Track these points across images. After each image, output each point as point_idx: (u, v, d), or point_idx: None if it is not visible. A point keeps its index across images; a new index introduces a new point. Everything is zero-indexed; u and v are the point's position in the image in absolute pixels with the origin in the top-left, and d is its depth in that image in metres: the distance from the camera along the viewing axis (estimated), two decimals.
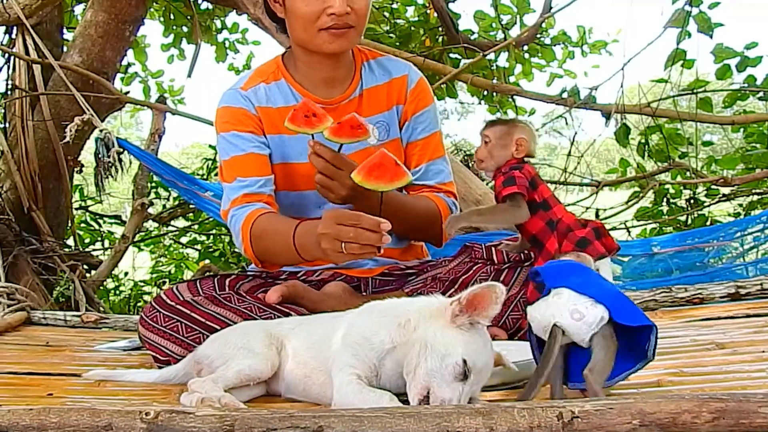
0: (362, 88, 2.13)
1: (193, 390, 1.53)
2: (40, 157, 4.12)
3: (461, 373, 1.34)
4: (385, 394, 1.40)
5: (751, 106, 5.51)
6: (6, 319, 2.68)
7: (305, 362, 1.60)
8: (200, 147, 12.98)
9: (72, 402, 1.59)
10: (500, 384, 1.63)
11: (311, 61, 2.08)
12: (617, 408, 1.12)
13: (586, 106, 4.50)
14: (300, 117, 1.80)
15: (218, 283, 2.06)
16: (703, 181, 4.59)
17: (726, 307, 2.47)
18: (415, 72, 2.21)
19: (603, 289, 1.46)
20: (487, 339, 1.41)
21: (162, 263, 6.19)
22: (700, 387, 1.52)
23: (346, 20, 1.95)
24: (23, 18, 3.92)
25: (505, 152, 1.95)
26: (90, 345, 2.45)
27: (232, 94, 2.12)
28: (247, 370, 1.57)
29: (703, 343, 1.96)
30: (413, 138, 2.17)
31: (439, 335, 1.38)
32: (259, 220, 1.99)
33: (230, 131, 2.08)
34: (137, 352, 2.28)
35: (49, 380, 1.89)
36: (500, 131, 1.97)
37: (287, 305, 1.97)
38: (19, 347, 2.40)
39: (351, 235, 1.60)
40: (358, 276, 2.14)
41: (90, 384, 1.81)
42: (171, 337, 1.90)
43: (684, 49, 4.33)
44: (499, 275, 2.01)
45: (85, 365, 2.06)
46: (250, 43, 6.43)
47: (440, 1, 5.16)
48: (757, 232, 3.55)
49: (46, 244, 4.09)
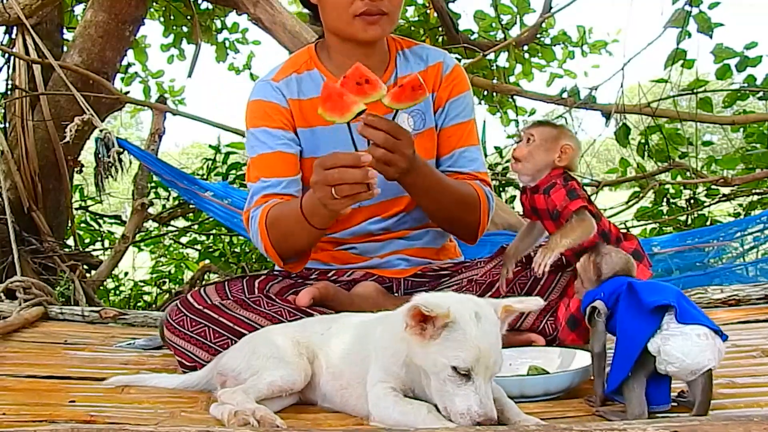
0: (397, 76, 2.09)
1: (223, 401, 1.47)
2: (40, 157, 4.11)
3: (461, 378, 1.29)
4: (423, 405, 1.35)
5: (751, 106, 5.51)
6: (23, 314, 2.62)
7: (341, 373, 1.54)
8: (200, 147, 12.99)
9: (96, 411, 1.54)
10: (542, 394, 1.58)
11: (345, 48, 2.04)
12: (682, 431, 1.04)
13: (586, 106, 4.51)
14: (352, 84, 1.68)
15: (247, 285, 2.01)
16: (703, 181, 4.59)
17: (763, 309, 2.41)
18: (450, 59, 2.16)
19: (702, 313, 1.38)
20: (469, 324, 1.31)
21: (162, 263, 6.18)
22: (755, 401, 1.45)
23: (380, 5, 1.92)
24: (23, 18, 3.92)
25: (547, 157, 1.82)
26: (109, 343, 2.41)
27: (263, 86, 2.08)
28: (279, 382, 1.52)
29: (747, 349, 1.90)
30: (446, 123, 2.12)
31: (422, 355, 1.32)
32: (272, 211, 1.95)
33: (260, 127, 2.04)
34: (159, 353, 2.24)
35: (70, 384, 1.86)
36: (547, 133, 1.83)
37: (318, 308, 1.91)
38: (38, 346, 2.36)
39: (336, 175, 1.61)
40: (390, 276, 2.08)
41: (113, 390, 1.76)
42: (198, 342, 1.84)
43: (684, 49, 4.34)
44: (538, 280, 1.95)
45: (106, 367, 2.03)
46: (250, 42, 6.44)
47: (440, 1, 5.16)
48: (757, 232, 3.55)
49: (46, 244, 4.09)
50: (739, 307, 2.50)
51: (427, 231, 2.16)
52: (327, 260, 2.13)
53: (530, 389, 1.57)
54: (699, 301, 2.54)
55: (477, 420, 1.27)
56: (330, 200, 1.65)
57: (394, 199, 2.09)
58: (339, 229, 2.09)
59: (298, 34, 3.73)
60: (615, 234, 1.82)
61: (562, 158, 1.81)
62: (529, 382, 1.58)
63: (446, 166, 2.10)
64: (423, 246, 2.16)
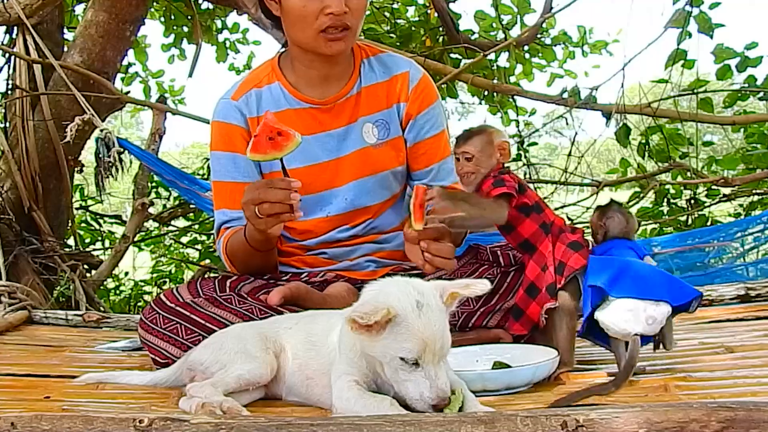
0: (361, 85, 2.10)
1: (192, 395, 1.51)
2: (40, 157, 4.11)
3: (410, 366, 1.35)
4: (386, 398, 1.39)
5: (751, 106, 5.51)
6: (7, 318, 2.67)
7: (306, 364, 1.59)
8: (200, 147, 13.00)
9: (69, 406, 1.58)
10: (504, 389, 1.62)
11: (307, 59, 2.04)
12: (623, 417, 1.09)
13: (587, 106, 4.50)
14: (263, 141, 1.68)
15: (219, 284, 2.04)
16: (703, 182, 4.58)
17: (735, 309, 2.43)
18: (416, 69, 2.15)
19: (656, 282, 1.64)
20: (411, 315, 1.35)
21: (162, 263, 6.19)
22: (709, 393, 1.49)
23: (344, 20, 1.92)
24: (24, 18, 3.92)
25: (491, 161, 1.87)
26: (91, 345, 2.44)
27: (223, 105, 2.09)
28: (246, 375, 1.56)
29: (712, 346, 1.93)
30: (420, 137, 2.13)
31: (371, 349, 1.38)
32: (229, 242, 2.04)
33: (222, 151, 2.08)
34: (138, 353, 2.26)
35: (47, 382, 1.88)
36: (481, 142, 1.87)
37: (289, 307, 1.94)
38: (20, 347, 2.39)
39: (260, 195, 1.68)
40: (362, 278, 2.09)
41: (88, 387, 1.80)
42: (170, 339, 1.87)
43: (684, 50, 4.34)
44: (505, 277, 1.98)
45: (84, 366, 2.05)
46: (250, 43, 6.45)
47: (441, 1, 5.16)
48: (758, 233, 3.55)
49: (46, 243, 4.09)
50: (711, 306, 2.51)
51: (398, 234, 2.16)
52: (298, 265, 2.16)
53: (492, 383, 1.61)
54: None
55: (431, 403, 1.34)
56: (254, 219, 1.74)
57: (361, 209, 2.12)
58: (306, 238, 2.14)
59: None
60: (558, 226, 1.86)
61: (503, 155, 1.88)
62: (490, 376, 1.63)
63: (426, 181, 2.11)
64: (393, 248, 2.17)
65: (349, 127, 2.06)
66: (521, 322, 1.84)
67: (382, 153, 2.01)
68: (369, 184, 2.08)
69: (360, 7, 1.95)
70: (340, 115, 2.07)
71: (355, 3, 1.93)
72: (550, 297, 1.77)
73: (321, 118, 2.07)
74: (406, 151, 2.14)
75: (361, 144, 2.04)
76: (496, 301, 1.96)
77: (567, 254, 1.79)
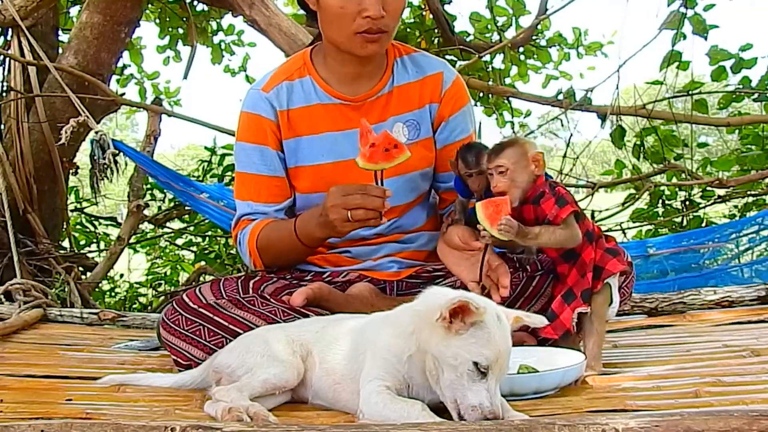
0: (393, 84, 2.09)
1: (217, 399, 1.50)
2: (35, 159, 4.10)
3: (478, 374, 1.35)
4: (417, 403, 1.39)
5: (746, 107, 5.52)
6: (22, 316, 2.66)
7: (333, 369, 1.57)
8: (196, 149, 12.98)
9: (92, 409, 1.56)
10: (533, 393, 1.62)
11: (341, 57, 2.04)
12: (663, 425, 1.07)
13: (582, 107, 4.51)
14: (380, 152, 1.76)
15: (242, 285, 2.03)
16: (698, 183, 4.59)
17: (756, 310, 2.43)
18: (450, 71, 2.15)
19: None
20: (493, 326, 1.38)
21: (158, 265, 6.17)
22: (741, 399, 1.47)
23: (380, 24, 1.90)
24: (18, 20, 3.91)
25: (527, 174, 1.79)
26: (107, 345, 2.43)
27: (253, 96, 2.09)
28: (273, 379, 1.55)
29: (737, 349, 1.92)
30: (451, 140, 2.12)
31: (443, 347, 1.37)
32: (262, 234, 2.03)
33: (250, 143, 2.07)
34: (156, 353, 2.25)
35: (67, 384, 1.87)
36: (515, 154, 1.79)
37: (312, 308, 1.93)
38: (36, 347, 2.39)
39: (358, 201, 1.75)
40: (385, 279, 2.10)
41: (109, 389, 1.78)
42: (193, 341, 1.86)
43: (679, 51, 4.35)
44: (530, 282, 1.97)
45: (103, 367, 2.04)
46: (246, 45, 6.42)
47: (436, 2, 5.16)
48: (753, 234, 3.56)
49: (41, 245, 4.07)
50: (732, 308, 2.51)
51: (422, 234, 2.17)
52: (321, 263, 2.15)
53: (520, 388, 1.60)
54: (692, 302, 2.57)
55: (486, 416, 1.33)
56: (342, 222, 1.78)
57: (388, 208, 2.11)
58: None
59: (294, 36, 3.73)
60: (597, 233, 1.86)
61: (538, 167, 1.81)
62: (518, 380, 1.61)
63: (451, 183, 2.10)
64: (416, 249, 2.17)
65: (379, 125, 2.03)
66: (553, 326, 1.82)
67: (412, 153, 1.99)
68: (397, 183, 2.04)
69: (397, 10, 1.94)
70: (370, 113, 2.06)
71: (393, 6, 1.92)
72: (583, 302, 1.77)
73: (351, 116, 2.06)
74: (436, 153, 2.13)
75: None
76: (521, 305, 1.94)
77: (605, 259, 1.80)
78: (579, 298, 1.78)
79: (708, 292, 2.58)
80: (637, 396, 1.56)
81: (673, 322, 2.45)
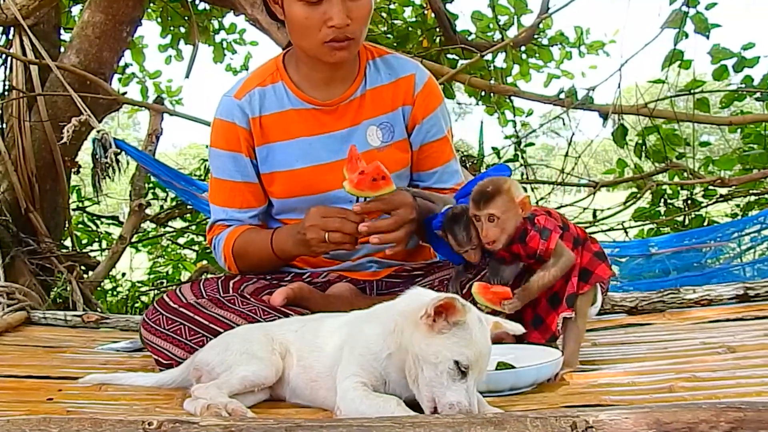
0: (366, 88, 2.08)
1: (197, 396, 1.51)
2: (37, 158, 4.11)
3: (458, 373, 1.36)
4: (392, 398, 1.40)
5: (748, 106, 5.51)
6: (6, 319, 2.66)
7: (311, 366, 1.59)
8: (197, 148, 12.97)
9: (73, 407, 1.57)
10: (509, 389, 1.63)
11: (311, 62, 2.03)
12: (633, 418, 1.09)
13: (584, 106, 4.51)
14: (368, 181, 1.79)
15: (222, 284, 2.04)
16: (700, 182, 4.59)
17: (735, 309, 2.44)
18: (422, 72, 2.14)
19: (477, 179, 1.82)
20: (475, 327, 1.39)
21: (159, 264, 6.18)
22: (713, 393, 1.49)
23: (346, 32, 1.89)
24: (20, 19, 3.92)
25: (516, 219, 1.75)
26: (90, 346, 2.43)
27: (226, 103, 2.08)
28: (251, 377, 1.56)
29: (713, 346, 1.93)
30: (426, 140, 2.12)
31: (425, 345, 1.38)
32: (238, 241, 2.06)
33: (223, 150, 2.08)
34: (139, 354, 2.26)
35: (49, 384, 1.87)
36: (503, 203, 1.74)
37: (292, 307, 1.94)
38: (19, 348, 2.39)
39: (337, 224, 1.81)
40: (365, 279, 2.11)
41: (91, 388, 1.79)
42: (174, 340, 1.87)
43: (681, 50, 4.34)
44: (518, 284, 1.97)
45: (86, 368, 2.04)
46: (247, 43, 6.44)
47: (438, 1, 5.16)
48: (755, 233, 3.56)
49: (43, 245, 4.08)
50: (711, 306, 2.53)
51: None
52: (300, 264, 2.16)
53: (497, 384, 1.62)
54: (672, 302, 2.58)
55: (462, 413, 1.33)
56: (319, 243, 1.84)
57: None
58: None
59: None
60: (583, 237, 1.86)
61: (525, 210, 1.77)
62: (494, 377, 1.62)
63: (430, 183, 2.14)
64: None
65: (352, 129, 2.05)
66: (540, 331, 1.83)
67: (387, 156, 2.00)
68: None
69: (363, 17, 1.93)
70: (343, 117, 2.06)
71: (357, 13, 1.90)
72: (568, 307, 1.77)
73: (324, 120, 2.06)
74: (411, 154, 2.14)
75: (365, 147, 2.02)
76: None
77: (593, 263, 1.80)
78: (564, 303, 1.78)
79: (687, 291, 2.59)
80: (613, 392, 1.57)
81: (653, 320, 2.46)
